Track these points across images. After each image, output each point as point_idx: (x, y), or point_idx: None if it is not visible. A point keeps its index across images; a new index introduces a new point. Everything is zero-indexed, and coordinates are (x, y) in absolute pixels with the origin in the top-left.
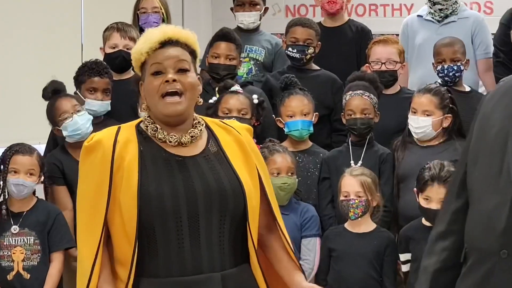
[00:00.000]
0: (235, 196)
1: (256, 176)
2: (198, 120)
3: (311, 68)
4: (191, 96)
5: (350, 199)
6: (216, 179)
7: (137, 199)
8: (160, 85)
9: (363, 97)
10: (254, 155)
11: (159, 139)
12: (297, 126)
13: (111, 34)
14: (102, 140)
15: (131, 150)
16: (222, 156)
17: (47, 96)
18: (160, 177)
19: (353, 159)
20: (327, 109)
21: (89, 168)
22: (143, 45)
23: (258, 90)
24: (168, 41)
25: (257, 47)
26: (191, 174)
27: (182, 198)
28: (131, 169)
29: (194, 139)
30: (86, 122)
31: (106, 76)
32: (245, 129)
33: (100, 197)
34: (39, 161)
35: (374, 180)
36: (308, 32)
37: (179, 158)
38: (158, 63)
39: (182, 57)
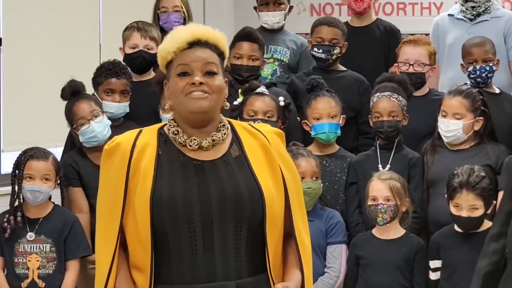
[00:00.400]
0: (253, 202)
1: (281, 182)
2: (223, 123)
3: (337, 69)
4: (217, 99)
5: (378, 204)
6: (233, 184)
7: (150, 204)
8: (186, 86)
9: (391, 99)
10: (281, 160)
11: (179, 142)
12: (324, 129)
13: (131, 33)
14: (121, 144)
15: (148, 154)
16: (243, 160)
17: (65, 96)
18: (174, 182)
19: (381, 163)
20: (353, 111)
21: (107, 172)
22: (170, 43)
23: (282, 91)
24: (196, 41)
25: (282, 48)
26: (207, 179)
27: (196, 203)
28: (146, 174)
29: (216, 143)
30: (104, 129)
31: (124, 77)
32: (274, 133)
33: (116, 202)
34: (54, 166)
35: (403, 184)
36: (334, 32)
37: (197, 162)
38: (185, 64)
39: (210, 59)
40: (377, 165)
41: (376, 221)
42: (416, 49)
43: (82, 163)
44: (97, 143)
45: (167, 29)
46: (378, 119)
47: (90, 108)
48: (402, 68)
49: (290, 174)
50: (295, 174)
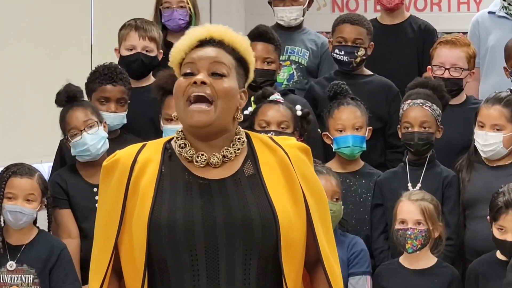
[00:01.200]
0: (264, 227)
1: (302, 204)
2: (239, 137)
3: (362, 73)
4: (224, 106)
5: (407, 228)
6: (242, 206)
7: (147, 227)
8: (187, 86)
9: (424, 108)
10: (304, 180)
11: (185, 158)
12: (347, 142)
13: (128, 33)
14: (121, 160)
15: (150, 171)
16: (257, 180)
17: (60, 102)
18: (175, 203)
19: (411, 181)
20: (380, 122)
21: (105, 192)
22: (182, 42)
23: (301, 99)
24: (209, 40)
25: (300, 48)
26: (213, 200)
27: (199, 227)
28: (145, 194)
29: (227, 160)
30: (98, 142)
31: (121, 83)
32: (296, 148)
33: (112, 224)
34: (40, 185)
35: (437, 206)
36: (358, 31)
37: (203, 182)
38: (191, 62)
39: (220, 59)
40: (406, 183)
41: (404, 248)
42: (453, 51)
43: (72, 181)
44: (90, 158)
45: (170, 27)
46: (408, 130)
47: (84, 117)
48: (437, 72)
49: (314, 196)
50: (320, 196)
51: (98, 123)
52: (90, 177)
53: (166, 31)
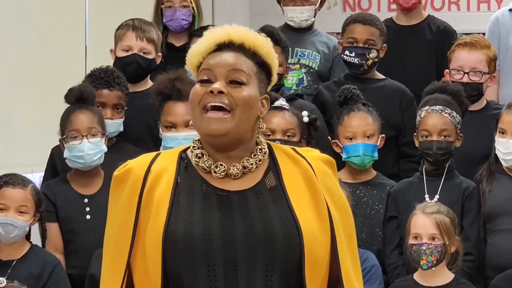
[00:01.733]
0: (287, 242)
1: (327, 219)
2: (261, 147)
3: (374, 77)
4: (243, 116)
5: (422, 244)
6: (264, 220)
7: (162, 242)
8: (204, 95)
9: (443, 115)
10: (328, 194)
11: (203, 168)
12: (358, 151)
13: (125, 33)
14: (133, 169)
15: (165, 182)
16: (280, 192)
17: (70, 100)
18: (192, 215)
19: (428, 192)
20: (393, 130)
21: (116, 203)
22: (200, 45)
23: (309, 105)
24: (228, 43)
25: (311, 51)
26: (232, 213)
27: (217, 242)
28: (160, 206)
29: (247, 171)
30: (95, 153)
31: (118, 88)
32: (321, 161)
33: (124, 238)
34: (34, 197)
35: (453, 219)
36: (370, 31)
37: (222, 193)
38: (208, 69)
39: (240, 65)
40: (422, 195)
41: (419, 264)
42: (473, 54)
43: (61, 192)
44: (80, 166)
45: (172, 28)
46: (426, 138)
47: (90, 123)
48: (455, 76)
49: (339, 211)
50: (345, 211)
51: (102, 134)
52: (81, 188)
53: (167, 32)
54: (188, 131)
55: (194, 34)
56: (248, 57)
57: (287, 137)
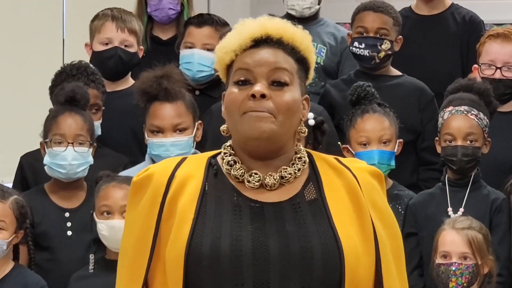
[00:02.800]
0: (326, 262)
1: (372, 238)
2: (300, 156)
3: (388, 73)
4: (286, 122)
5: (451, 263)
6: (301, 236)
7: (184, 257)
8: (243, 100)
9: (469, 117)
10: (374, 210)
11: (234, 177)
12: (372, 158)
13: (103, 24)
14: (155, 175)
15: (191, 189)
16: (320, 206)
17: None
18: (221, 228)
19: (451, 205)
20: (412, 133)
21: (133, 211)
22: (231, 40)
23: (317, 107)
24: (265, 39)
25: (315, 44)
26: (266, 227)
27: (247, 259)
28: (184, 216)
29: (285, 182)
30: (80, 165)
31: (93, 86)
32: (367, 172)
33: (142, 251)
34: (15, 211)
35: (486, 236)
36: (382, 19)
37: (256, 205)
38: (246, 69)
39: (282, 64)
40: (445, 208)
41: (447, 286)
42: (506, 46)
43: (38, 206)
44: (61, 176)
45: (158, 18)
46: (450, 143)
47: (79, 130)
48: (486, 72)
49: (386, 230)
50: (394, 232)
51: (90, 144)
52: (61, 201)
53: (152, 24)
54: (177, 136)
55: (190, 22)
56: (288, 54)
57: None
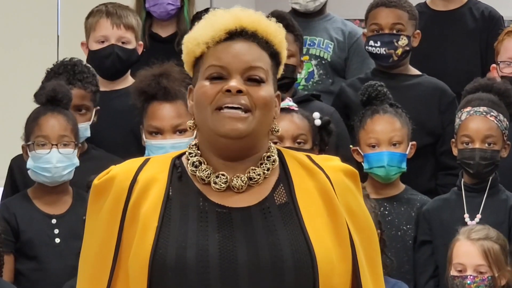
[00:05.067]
0: (298, 270)
1: (347, 244)
2: (269, 155)
3: (408, 72)
4: (262, 119)
5: (466, 276)
6: (271, 244)
7: (148, 268)
8: (217, 94)
9: (488, 118)
10: (349, 213)
11: (200, 179)
12: (381, 161)
13: (98, 21)
14: (116, 178)
15: (154, 194)
16: (292, 210)
17: (40, 98)
18: (186, 237)
19: (468, 211)
20: (431, 136)
21: (95, 219)
22: (203, 32)
23: (328, 108)
24: (240, 31)
25: (322, 39)
26: (234, 235)
27: (214, 270)
28: (148, 224)
29: (254, 183)
30: (65, 168)
31: (80, 86)
32: (342, 172)
33: (104, 261)
34: None
35: (504, 246)
36: (396, 14)
37: (223, 210)
38: (220, 65)
39: (258, 60)
40: (461, 215)
41: None
42: None
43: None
44: (46, 180)
45: (156, 14)
46: (467, 146)
47: (62, 130)
48: (505, 70)
49: (362, 234)
50: (369, 235)
51: (75, 145)
52: (47, 207)
53: (151, 20)
54: (177, 138)
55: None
56: (262, 48)
57: (297, 144)
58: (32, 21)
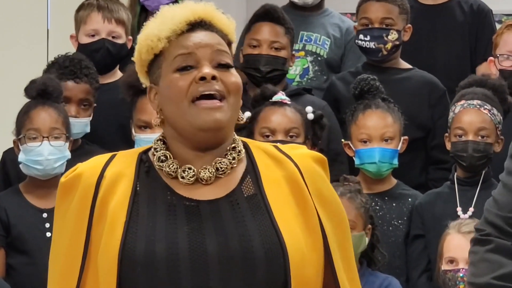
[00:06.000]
0: (269, 261)
1: (318, 232)
2: (235, 145)
3: (398, 66)
4: (235, 105)
5: (458, 270)
6: (241, 236)
7: (118, 263)
8: (191, 85)
9: (482, 111)
10: (319, 200)
11: (167, 173)
12: (373, 156)
13: (88, 15)
14: (83, 175)
15: (121, 190)
16: (260, 201)
17: (30, 92)
18: (154, 231)
19: (461, 205)
20: (421, 130)
21: (63, 216)
22: (161, 26)
23: (320, 101)
24: (199, 22)
25: (319, 35)
26: (203, 227)
27: (185, 263)
28: (116, 220)
29: (221, 174)
30: (57, 160)
31: (86, 81)
32: (310, 159)
33: (73, 259)
34: None
35: None
36: (386, 8)
37: (191, 203)
38: (187, 53)
39: (223, 45)
40: (454, 208)
41: None
42: None
43: (14, 207)
44: (38, 173)
45: (151, 8)
46: (460, 138)
47: (53, 123)
48: (504, 63)
49: (332, 221)
50: (340, 221)
51: (66, 138)
52: (38, 200)
53: (146, 14)
54: None
55: None
56: (221, 37)
57: (289, 138)
58: (22, 16)
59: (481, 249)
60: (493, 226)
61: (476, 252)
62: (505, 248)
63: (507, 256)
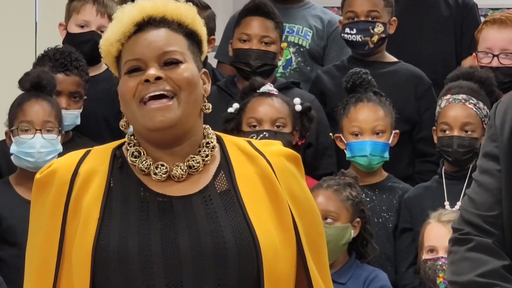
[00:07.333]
0: (242, 257)
1: (291, 228)
2: (208, 141)
3: (384, 59)
4: (189, 99)
5: (438, 258)
6: (214, 231)
7: (91, 259)
8: (138, 86)
9: (467, 105)
10: (291, 197)
11: (140, 169)
12: (364, 150)
13: (83, 5)
14: (58, 171)
15: (95, 186)
16: (233, 197)
17: (24, 85)
18: (128, 227)
19: (449, 199)
20: (407, 123)
21: (39, 213)
22: (113, 30)
23: (309, 95)
24: (148, 21)
25: (301, 27)
26: (176, 223)
27: (157, 259)
28: (89, 216)
29: (194, 171)
30: (48, 153)
31: (76, 73)
32: (283, 157)
33: (49, 255)
34: None
35: None
36: (373, 2)
37: (163, 199)
38: (135, 58)
39: (170, 44)
40: (442, 202)
41: (435, 283)
42: (503, 32)
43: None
44: (29, 166)
45: None
46: (446, 133)
47: (46, 116)
48: (483, 61)
49: (305, 218)
50: (312, 218)
51: (58, 131)
52: (28, 193)
53: None
54: None
55: None
56: (175, 31)
57: (276, 128)
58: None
59: (461, 248)
60: (471, 225)
61: (456, 251)
62: (486, 246)
63: (488, 253)
